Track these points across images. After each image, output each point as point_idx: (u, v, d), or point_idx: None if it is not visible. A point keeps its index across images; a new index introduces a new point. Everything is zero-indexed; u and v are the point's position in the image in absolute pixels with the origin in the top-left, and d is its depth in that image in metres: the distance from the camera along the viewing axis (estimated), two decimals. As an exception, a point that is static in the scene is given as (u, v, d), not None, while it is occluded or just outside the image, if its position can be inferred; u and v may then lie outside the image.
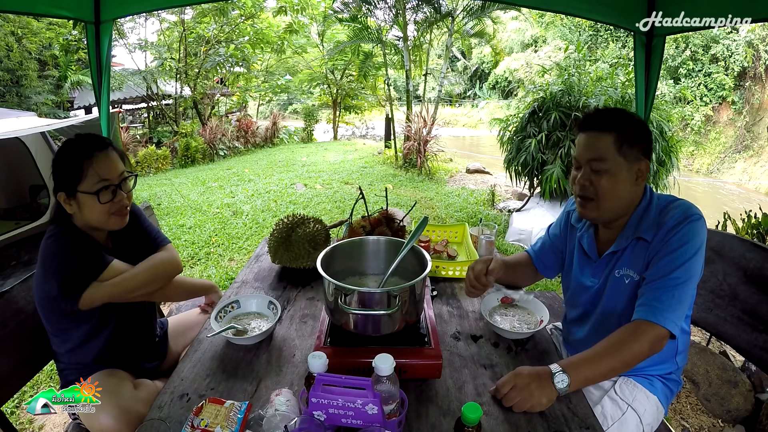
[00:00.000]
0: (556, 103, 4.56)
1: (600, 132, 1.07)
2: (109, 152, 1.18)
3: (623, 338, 0.99)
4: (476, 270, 1.23)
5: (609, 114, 1.09)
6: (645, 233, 1.08)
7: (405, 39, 8.41)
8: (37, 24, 9.05)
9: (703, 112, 11.29)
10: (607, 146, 1.06)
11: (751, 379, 2.05)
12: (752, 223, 2.72)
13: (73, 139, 1.19)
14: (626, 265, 1.12)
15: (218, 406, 0.91)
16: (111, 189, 1.17)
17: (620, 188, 1.08)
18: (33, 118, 4.88)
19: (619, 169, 1.06)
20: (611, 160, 1.06)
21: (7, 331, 1.21)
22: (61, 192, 1.15)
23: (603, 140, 1.06)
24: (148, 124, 10.93)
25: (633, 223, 1.12)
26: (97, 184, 1.14)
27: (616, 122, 1.06)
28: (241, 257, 3.89)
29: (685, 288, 1.01)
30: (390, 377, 0.81)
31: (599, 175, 1.07)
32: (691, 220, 1.03)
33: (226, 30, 10.61)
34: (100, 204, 1.15)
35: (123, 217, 1.22)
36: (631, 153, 1.06)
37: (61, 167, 1.15)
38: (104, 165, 1.16)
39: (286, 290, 1.47)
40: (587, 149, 1.09)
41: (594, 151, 1.07)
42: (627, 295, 1.12)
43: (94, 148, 1.16)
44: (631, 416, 1.13)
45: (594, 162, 1.07)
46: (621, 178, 1.07)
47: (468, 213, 5.25)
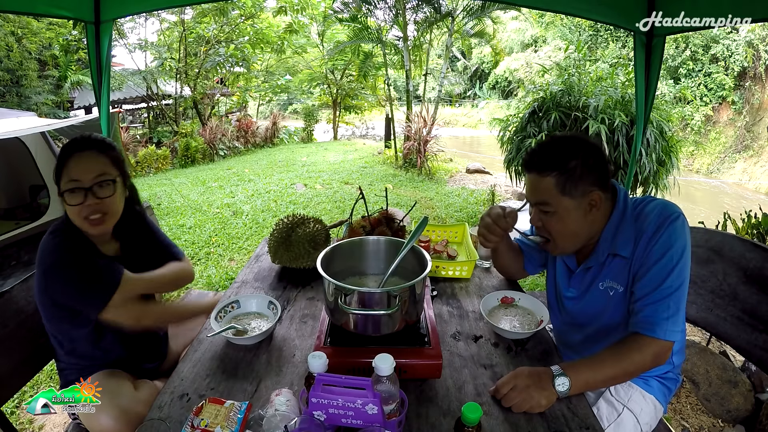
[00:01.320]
0: (556, 103, 4.56)
1: (540, 174, 1.03)
2: (87, 153, 1.14)
3: (626, 350, 0.99)
4: (493, 214, 1.19)
5: (549, 153, 1.04)
6: (622, 250, 1.06)
7: (405, 39, 8.41)
8: (37, 24, 9.05)
9: (703, 112, 11.28)
10: (548, 189, 1.02)
11: (751, 379, 2.05)
12: (752, 223, 2.72)
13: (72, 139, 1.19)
14: (609, 277, 1.11)
15: (218, 406, 0.91)
16: (81, 192, 1.12)
17: (572, 225, 1.05)
18: (33, 118, 4.88)
19: (566, 209, 1.03)
20: (555, 202, 1.03)
21: (7, 331, 1.21)
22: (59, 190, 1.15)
23: (543, 183, 1.03)
24: (148, 124, 10.93)
25: (606, 240, 1.09)
26: (67, 184, 1.12)
27: (556, 161, 1.02)
28: (241, 257, 3.89)
29: (679, 294, 1.00)
30: (390, 377, 0.81)
31: (548, 216, 1.06)
32: (671, 222, 1.01)
33: (226, 30, 10.61)
34: (72, 207, 1.12)
35: (97, 225, 1.15)
36: (576, 190, 1.01)
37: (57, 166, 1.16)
38: (76, 166, 1.13)
39: (286, 290, 1.47)
40: (530, 192, 1.07)
41: (536, 195, 1.05)
42: (614, 306, 1.12)
43: (75, 149, 1.15)
44: (627, 417, 1.13)
45: (539, 205, 1.06)
46: (570, 218, 1.04)
47: (468, 213, 5.25)
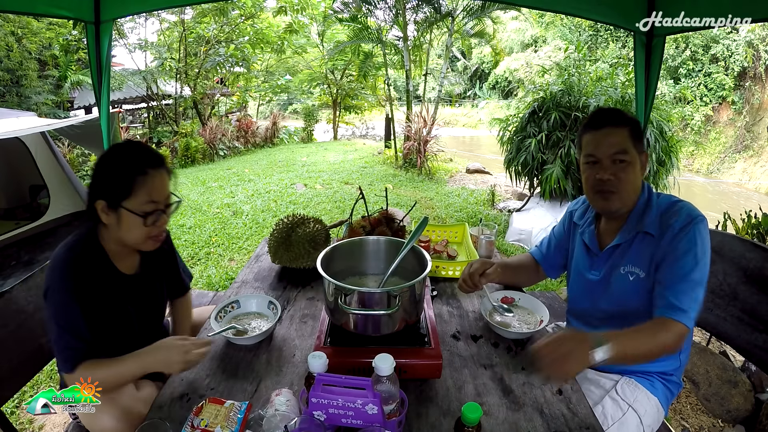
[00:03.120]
0: (556, 103, 4.56)
1: (617, 127, 1.12)
2: (162, 171, 1.09)
3: (654, 328, 1.01)
4: (472, 268, 1.27)
5: (618, 110, 1.16)
6: (649, 227, 1.11)
7: (405, 39, 8.40)
8: (37, 24, 9.04)
9: (703, 112, 11.28)
10: (626, 139, 1.11)
11: (751, 379, 2.05)
12: (752, 223, 2.72)
13: (123, 145, 1.10)
14: (631, 261, 1.14)
15: (218, 406, 0.91)
16: (158, 213, 1.08)
17: (637, 179, 1.14)
18: (33, 118, 4.88)
19: (635, 160, 1.12)
20: (630, 152, 1.11)
21: (7, 331, 1.21)
22: (101, 200, 1.05)
23: (621, 134, 1.12)
24: (148, 124, 10.91)
25: (635, 217, 1.15)
26: (145, 205, 1.05)
27: (627, 117, 1.14)
28: (241, 257, 3.89)
29: (700, 289, 1.03)
30: (390, 377, 0.81)
31: (623, 166, 1.12)
32: (696, 222, 1.06)
33: (226, 30, 10.60)
34: (143, 226, 1.07)
35: (158, 243, 1.14)
36: (640, 145, 1.13)
37: (109, 175, 1.06)
38: (156, 186, 1.07)
39: (286, 290, 1.47)
40: (608, 144, 1.12)
41: (616, 145, 1.12)
42: (635, 293, 1.14)
43: (148, 164, 1.06)
44: (631, 417, 1.13)
45: (617, 155, 1.11)
46: (637, 169, 1.13)
47: (468, 213, 5.25)
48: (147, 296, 1.24)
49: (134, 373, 1.04)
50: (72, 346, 1.02)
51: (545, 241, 1.44)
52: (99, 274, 1.09)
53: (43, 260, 1.62)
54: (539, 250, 1.45)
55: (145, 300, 1.23)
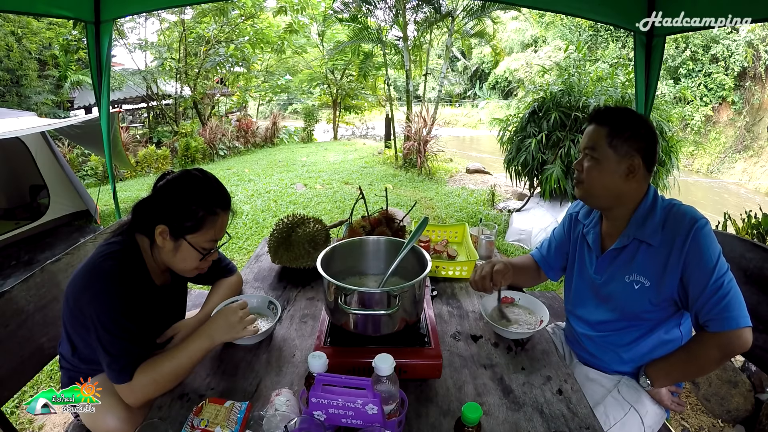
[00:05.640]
0: (556, 103, 4.56)
1: (599, 124, 1.16)
2: (228, 212, 1.14)
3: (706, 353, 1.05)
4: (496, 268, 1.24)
5: (611, 111, 1.16)
6: (650, 238, 1.10)
7: (405, 39, 8.40)
8: (37, 24, 9.05)
9: (703, 112, 11.29)
10: (600, 137, 1.14)
11: (751, 379, 2.05)
12: (752, 223, 2.72)
13: (199, 179, 1.11)
14: (637, 270, 1.13)
15: (218, 406, 0.91)
16: (213, 250, 1.13)
17: (606, 177, 1.14)
18: (33, 118, 4.88)
19: (607, 159, 1.13)
20: (600, 150, 1.13)
21: (8, 331, 1.21)
22: (164, 226, 1.06)
23: (598, 132, 1.15)
24: (148, 124, 10.92)
25: (636, 222, 1.13)
26: (207, 243, 1.10)
27: (614, 118, 1.14)
28: (241, 257, 3.89)
29: (735, 285, 1.04)
30: (390, 377, 0.81)
31: (590, 162, 1.16)
32: (700, 226, 1.05)
33: (226, 30, 10.60)
34: (197, 261, 1.11)
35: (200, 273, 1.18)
36: (621, 148, 1.11)
37: (179, 206, 1.07)
38: (221, 227, 1.12)
39: (286, 290, 1.47)
40: (584, 138, 1.19)
41: (588, 141, 1.17)
42: (638, 300, 1.13)
43: (220, 206, 1.11)
44: (633, 417, 1.13)
45: (587, 149, 1.17)
46: (607, 170, 1.13)
47: (468, 213, 5.25)
48: (172, 305, 1.28)
49: (206, 348, 1.04)
50: (130, 351, 0.99)
51: (545, 244, 1.45)
52: (138, 285, 1.09)
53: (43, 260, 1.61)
54: (539, 252, 1.45)
55: (170, 308, 1.27)
